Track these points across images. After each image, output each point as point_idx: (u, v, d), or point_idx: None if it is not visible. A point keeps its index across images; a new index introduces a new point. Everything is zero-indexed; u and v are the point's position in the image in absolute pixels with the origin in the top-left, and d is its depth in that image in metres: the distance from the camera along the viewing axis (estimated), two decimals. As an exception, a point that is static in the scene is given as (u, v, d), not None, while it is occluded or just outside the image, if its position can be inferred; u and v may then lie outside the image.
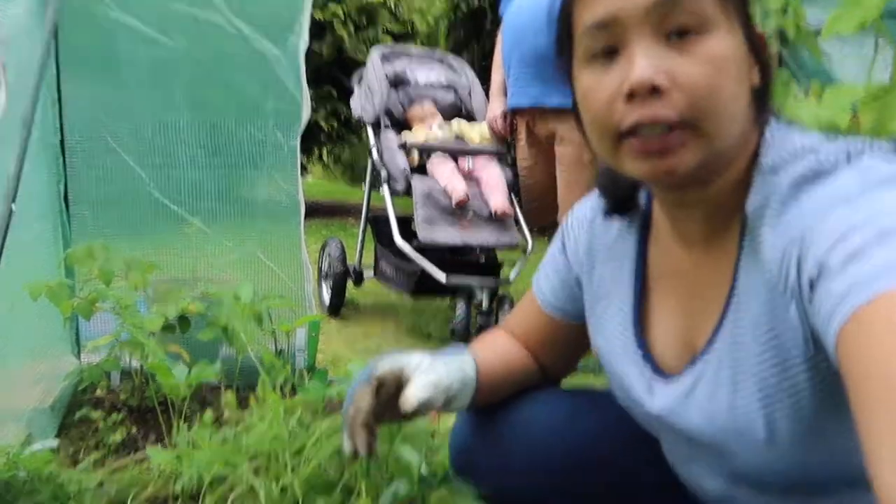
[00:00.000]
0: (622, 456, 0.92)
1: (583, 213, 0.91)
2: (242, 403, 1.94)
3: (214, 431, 1.45)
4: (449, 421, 1.96)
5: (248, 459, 1.41)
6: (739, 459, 0.71)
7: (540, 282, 0.97)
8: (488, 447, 0.97)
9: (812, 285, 0.56)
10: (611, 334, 0.84)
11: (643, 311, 0.81)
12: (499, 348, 0.97)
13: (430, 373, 0.82)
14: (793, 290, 0.60)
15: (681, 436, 0.76)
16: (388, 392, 0.83)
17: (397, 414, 0.85)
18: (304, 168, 8.44)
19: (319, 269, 3.77)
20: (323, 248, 3.72)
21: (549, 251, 0.97)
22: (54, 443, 1.56)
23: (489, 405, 0.96)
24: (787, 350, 0.63)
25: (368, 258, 3.63)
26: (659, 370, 0.78)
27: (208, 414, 1.61)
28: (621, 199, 0.83)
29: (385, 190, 3.16)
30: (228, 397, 1.71)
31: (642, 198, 0.83)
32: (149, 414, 1.83)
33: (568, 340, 0.96)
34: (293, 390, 1.86)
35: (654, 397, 0.78)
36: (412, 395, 0.79)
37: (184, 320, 1.86)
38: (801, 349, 0.62)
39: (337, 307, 3.51)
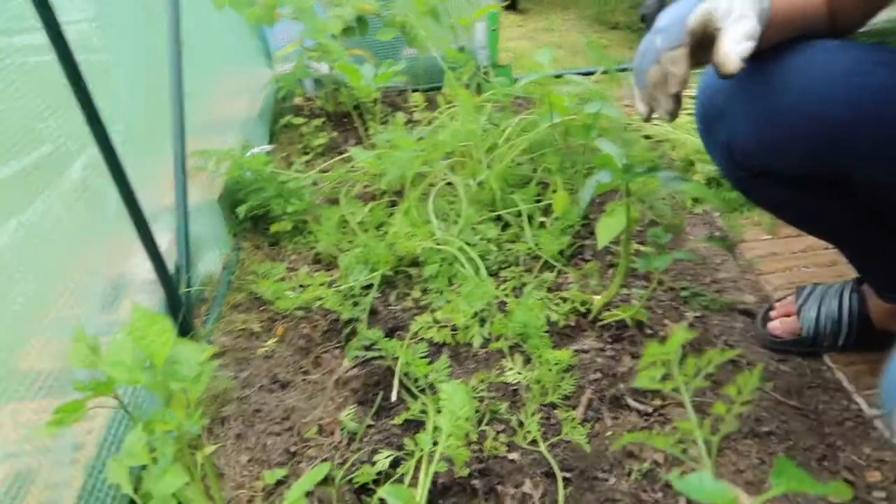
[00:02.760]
0: None
1: None
2: (431, 105, 1.95)
3: (407, 132, 1.48)
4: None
5: (443, 157, 1.44)
6: None
7: None
8: (752, 91, 0.83)
9: None
10: None
11: None
12: None
13: (743, 21, 0.70)
14: None
15: None
16: (693, 45, 0.73)
17: (699, 63, 0.75)
18: None
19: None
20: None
21: None
22: (270, 147, 1.69)
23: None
24: None
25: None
26: None
27: (400, 116, 1.63)
28: None
29: None
30: (417, 98, 1.71)
31: None
32: (345, 119, 1.90)
33: None
34: (479, 89, 1.81)
35: None
36: (734, 53, 0.68)
37: (362, 21, 1.81)
38: None
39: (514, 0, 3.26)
